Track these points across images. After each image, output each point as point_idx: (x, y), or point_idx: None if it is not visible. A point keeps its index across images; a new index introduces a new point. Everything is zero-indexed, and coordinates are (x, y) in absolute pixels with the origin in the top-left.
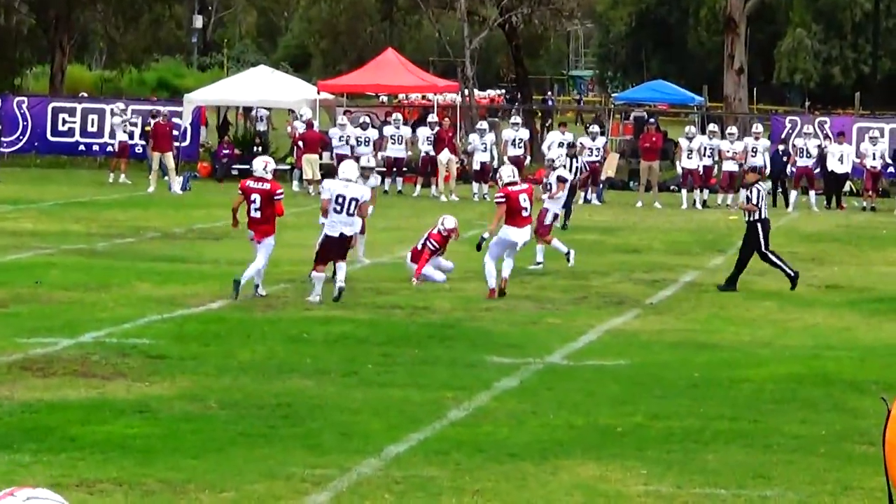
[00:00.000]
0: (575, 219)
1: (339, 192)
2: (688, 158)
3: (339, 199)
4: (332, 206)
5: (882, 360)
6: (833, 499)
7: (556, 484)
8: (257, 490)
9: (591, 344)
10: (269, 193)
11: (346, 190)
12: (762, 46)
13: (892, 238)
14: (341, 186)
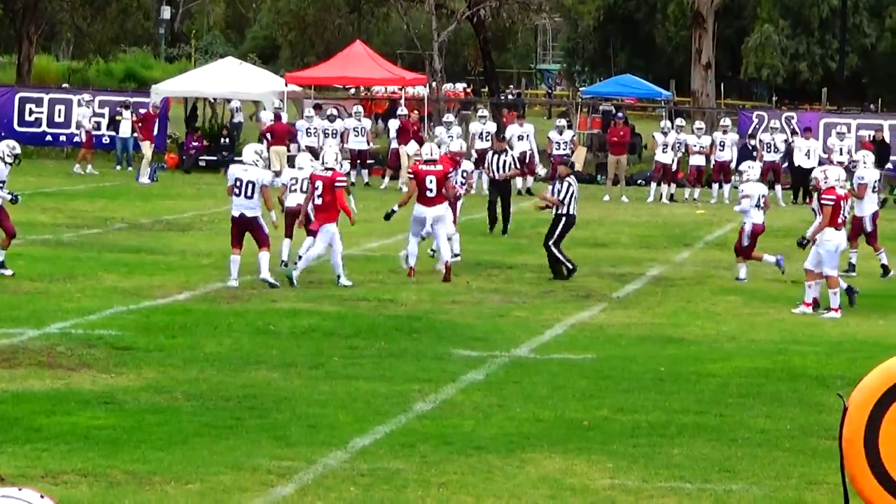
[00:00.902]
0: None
1: (238, 176)
2: (662, 153)
3: (238, 182)
4: (233, 190)
5: (847, 355)
6: (797, 493)
7: (522, 477)
8: (223, 481)
9: (557, 337)
10: (331, 181)
11: (245, 173)
12: (729, 41)
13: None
14: (240, 170)
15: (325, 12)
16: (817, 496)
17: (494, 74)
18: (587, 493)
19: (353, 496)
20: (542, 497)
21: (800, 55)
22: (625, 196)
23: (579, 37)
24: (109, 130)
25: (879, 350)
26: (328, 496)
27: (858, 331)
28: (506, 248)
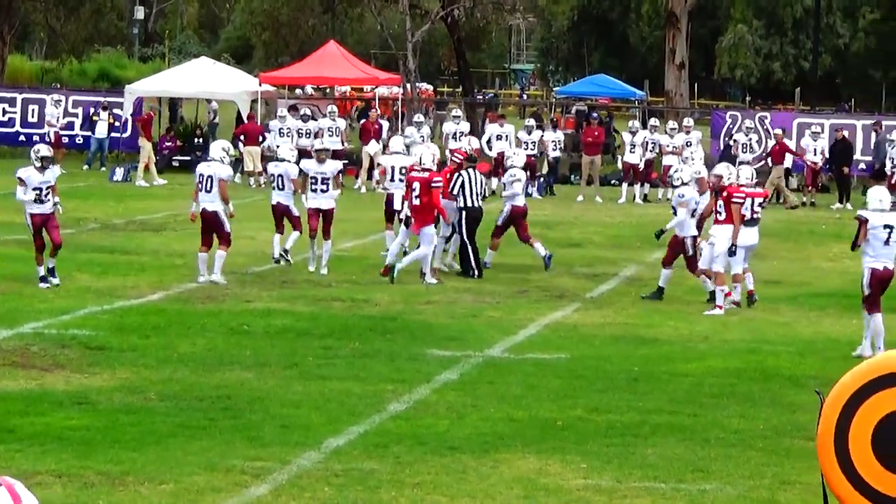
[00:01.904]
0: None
1: (201, 172)
2: (630, 153)
3: (201, 177)
4: (198, 186)
5: (820, 354)
6: (771, 493)
7: (496, 477)
8: (197, 482)
9: (531, 337)
10: (428, 182)
11: (207, 169)
12: (703, 42)
13: (830, 233)
14: (204, 167)
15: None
16: (791, 496)
17: (468, 74)
18: (561, 493)
19: (327, 496)
20: (516, 497)
21: (773, 55)
22: (598, 196)
23: (553, 37)
24: (84, 130)
25: (852, 349)
26: (302, 496)
27: (832, 330)
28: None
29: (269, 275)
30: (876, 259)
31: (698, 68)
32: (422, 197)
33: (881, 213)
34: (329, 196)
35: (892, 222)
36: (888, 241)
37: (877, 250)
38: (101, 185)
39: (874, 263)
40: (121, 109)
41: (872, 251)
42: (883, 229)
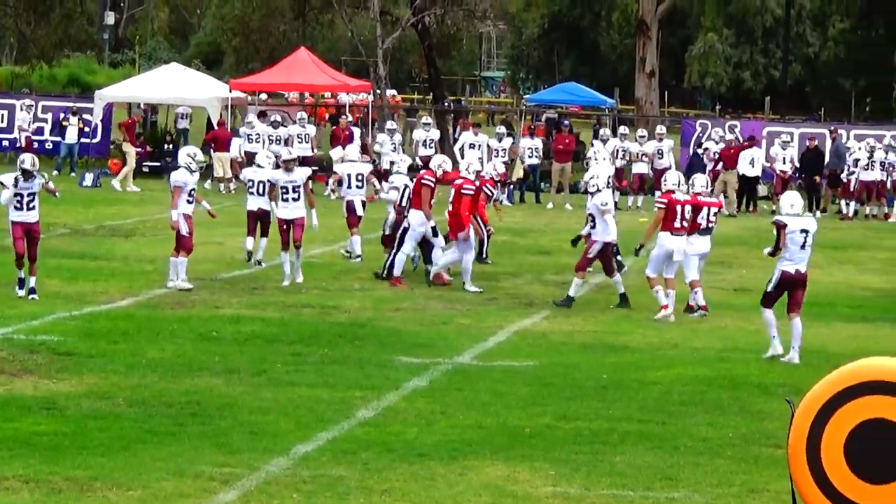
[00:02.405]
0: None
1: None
2: (595, 162)
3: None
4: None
5: (789, 363)
6: (739, 501)
7: (464, 484)
8: (165, 488)
9: (500, 344)
10: (459, 188)
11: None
12: (673, 50)
13: None
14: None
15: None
16: (759, 503)
17: (439, 81)
18: (529, 501)
19: (296, 503)
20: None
21: (743, 64)
22: (568, 204)
23: (524, 44)
24: (54, 136)
25: (822, 358)
26: (271, 503)
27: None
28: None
29: (238, 281)
30: (791, 262)
31: (668, 76)
32: (454, 203)
33: (797, 217)
34: (300, 205)
35: (808, 227)
36: (804, 245)
37: (793, 254)
38: (70, 190)
39: (788, 266)
40: (90, 115)
41: (789, 255)
42: (800, 233)
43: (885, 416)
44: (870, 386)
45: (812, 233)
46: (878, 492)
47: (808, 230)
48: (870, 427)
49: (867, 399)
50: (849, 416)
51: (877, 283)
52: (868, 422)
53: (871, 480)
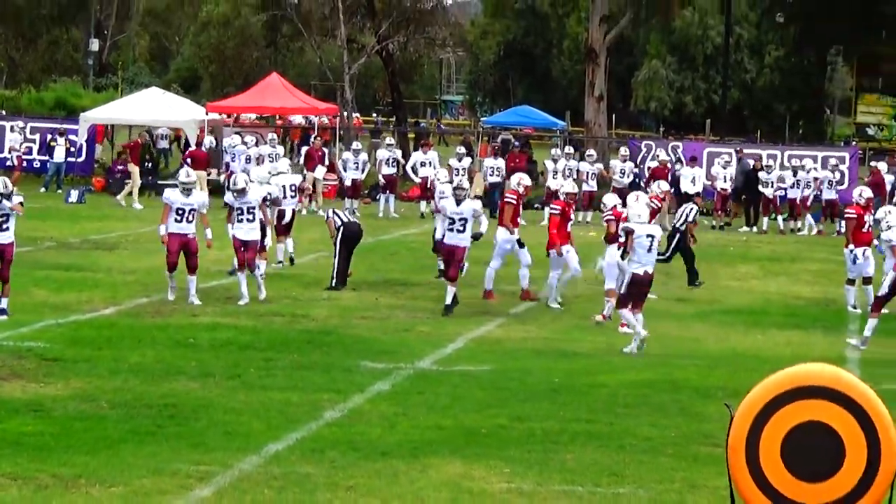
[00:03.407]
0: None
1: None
2: (552, 179)
3: None
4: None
5: (727, 368)
6: (680, 496)
7: (424, 481)
8: (145, 485)
9: (458, 351)
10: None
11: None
12: (620, 76)
13: (738, 255)
14: None
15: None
16: (698, 499)
17: (402, 105)
18: (485, 497)
19: (267, 499)
20: (444, 500)
21: (685, 89)
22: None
23: (481, 70)
24: (42, 155)
25: (758, 363)
26: (243, 499)
27: (738, 345)
28: (411, 268)
29: (213, 291)
30: (640, 264)
31: (616, 100)
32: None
33: (643, 224)
34: (255, 227)
35: (653, 232)
36: (650, 249)
37: (641, 257)
38: (57, 206)
39: (637, 269)
40: (76, 136)
41: (637, 258)
42: (646, 238)
43: (819, 419)
44: (805, 390)
45: (657, 238)
46: (814, 489)
47: (654, 235)
48: (805, 429)
49: (802, 403)
50: (785, 419)
51: (808, 292)
52: (803, 424)
53: (806, 479)
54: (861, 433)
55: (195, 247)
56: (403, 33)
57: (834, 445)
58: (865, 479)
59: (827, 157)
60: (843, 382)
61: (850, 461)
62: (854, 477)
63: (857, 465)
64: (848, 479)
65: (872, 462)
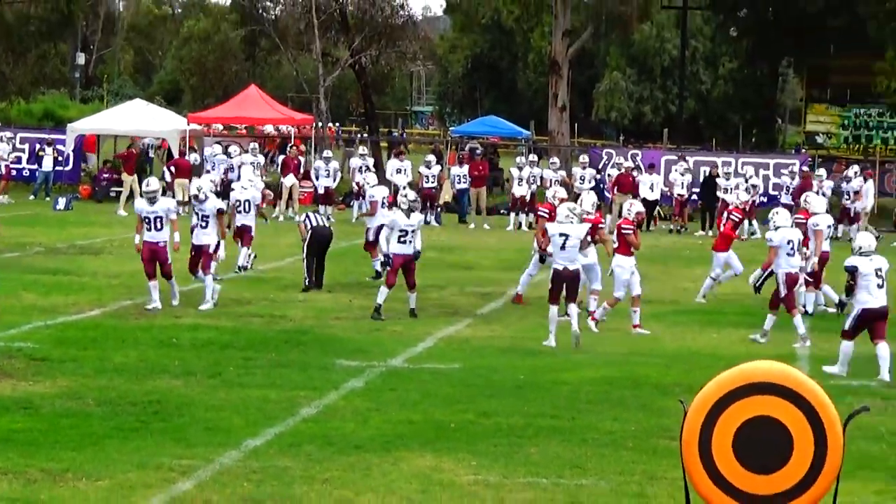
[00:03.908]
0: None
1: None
2: (518, 186)
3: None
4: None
5: (684, 365)
6: (640, 487)
7: (396, 473)
8: (130, 479)
9: (428, 349)
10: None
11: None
12: (582, 87)
13: (695, 258)
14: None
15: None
16: (657, 490)
17: (374, 115)
18: (454, 488)
19: (246, 491)
20: (414, 491)
21: (644, 99)
22: (486, 224)
23: (449, 82)
24: (31, 164)
25: (713, 360)
26: (224, 492)
27: (694, 344)
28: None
29: (195, 293)
30: (562, 262)
31: (578, 110)
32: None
33: (563, 225)
34: (208, 232)
35: (567, 231)
36: (563, 247)
37: (557, 254)
38: (45, 213)
39: (556, 265)
40: (64, 146)
41: (556, 255)
42: (559, 237)
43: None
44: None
45: (572, 236)
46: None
47: (569, 234)
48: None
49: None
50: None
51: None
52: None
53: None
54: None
55: (164, 254)
56: (375, 47)
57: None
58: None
59: (779, 164)
60: (792, 379)
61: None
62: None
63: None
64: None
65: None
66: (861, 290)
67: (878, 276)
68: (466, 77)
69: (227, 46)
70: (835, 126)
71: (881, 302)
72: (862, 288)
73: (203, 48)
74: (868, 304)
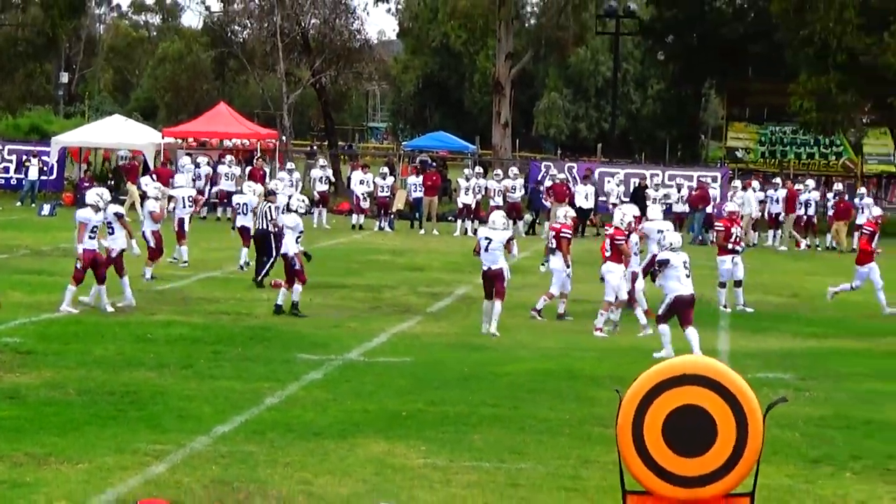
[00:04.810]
0: (370, 242)
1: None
2: (464, 195)
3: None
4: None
5: (615, 358)
6: (575, 470)
7: (352, 458)
8: (108, 462)
9: (382, 344)
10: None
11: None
12: (523, 105)
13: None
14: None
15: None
16: (591, 473)
17: (333, 130)
18: (405, 471)
19: (215, 474)
20: (369, 474)
21: (580, 117)
22: (436, 230)
23: (402, 100)
24: (18, 174)
25: (642, 355)
26: (194, 474)
27: (623, 341)
28: (341, 272)
29: (169, 293)
30: (486, 262)
31: (520, 127)
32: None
33: (492, 230)
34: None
35: (490, 236)
36: (486, 249)
37: (485, 257)
38: (31, 218)
39: (484, 266)
40: (48, 157)
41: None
42: (484, 240)
43: (695, 403)
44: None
45: (494, 240)
46: (690, 463)
47: (492, 238)
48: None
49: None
50: (666, 403)
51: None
52: (682, 407)
53: (684, 454)
54: (731, 415)
55: (101, 258)
56: (334, 68)
57: (708, 425)
58: (735, 455)
59: (702, 177)
60: (716, 371)
61: (722, 439)
62: (725, 453)
63: (728, 443)
64: (720, 455)
65: (741, 440)
66: (672, 280)
67: (685, 267)
68: (417, 96)
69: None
70: (753, 142)
71: (689, 290)
72: (673, 278)
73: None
74: (679, 292)
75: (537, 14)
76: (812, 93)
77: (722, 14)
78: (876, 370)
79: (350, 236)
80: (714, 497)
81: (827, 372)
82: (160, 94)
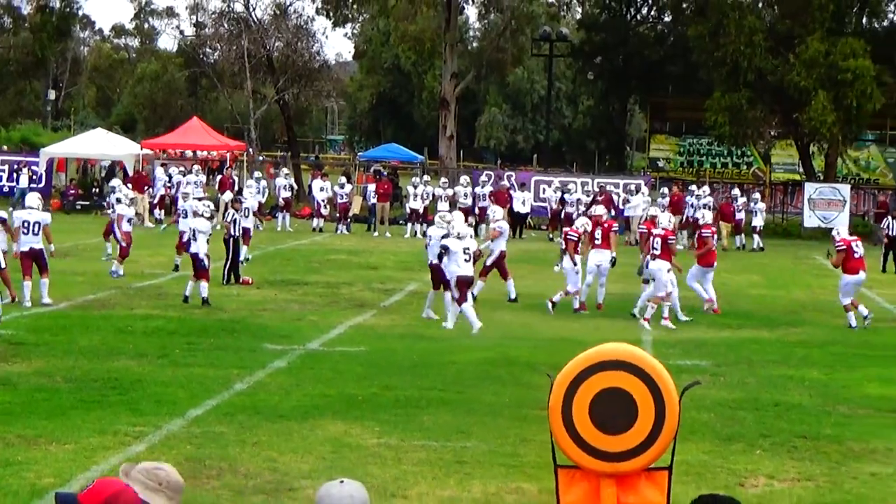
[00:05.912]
0: (329, 244)
1: (24, 219)
2: (413, 201)
3: (25, 223)
4: (21, 230)
5: (551, 347)
6: (514, 448)
7: (313, 438)
8: (92, 443)
9: (340, 335)
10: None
11: (30, 216)
12: (467, 120)
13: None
14: (26, 214)
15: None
16: (528, 450)
17: (295, 142)
18: (361, 449)
19: (189, 452)
20: (328, 452)
21: (517, 130)
22: (388, 232)
23: (358, 115)
24: (9, 182)
25: (573, 344)
26: (170, 453)
27: (559, 330)
28: (303, 270)
29: (147, 289)
30: (459, 268)
31: (463, 139)
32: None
33: (460, 240)
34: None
35: (468, 245)
36: (468, 259)
37: (461, 265)
38: None
39: (459, 272)
40: (37, 166)
41: (458, 265)
42: (463, 252)
43: (618, 386)
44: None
45: (472, 250)
46: (615, 440)
47: (469, 247)
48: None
49: (605, 373)
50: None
51: (614, 289)
52: (606, 389)
53: (609, 432)
54: (650, 397)
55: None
56: (297, 86)
57: (629, 406)
58: (653, 433)
59: (627, 184)
60: (637, 357)
61: (642, 419)
62: (645, 431)
63: (647, 422)
64: (640, 432)
65: (658, 419)
66: (452, 263)
67: (465, 252)
68: (371, 111)
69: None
70: (673, 153)
71: (467, 272)
72: (452, 261)
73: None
74: (460, 272)
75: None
76: (725, 109)
77: (644, 38)
78: (784, 357)
79: (311, 238)
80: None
81: (739, 359)
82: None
